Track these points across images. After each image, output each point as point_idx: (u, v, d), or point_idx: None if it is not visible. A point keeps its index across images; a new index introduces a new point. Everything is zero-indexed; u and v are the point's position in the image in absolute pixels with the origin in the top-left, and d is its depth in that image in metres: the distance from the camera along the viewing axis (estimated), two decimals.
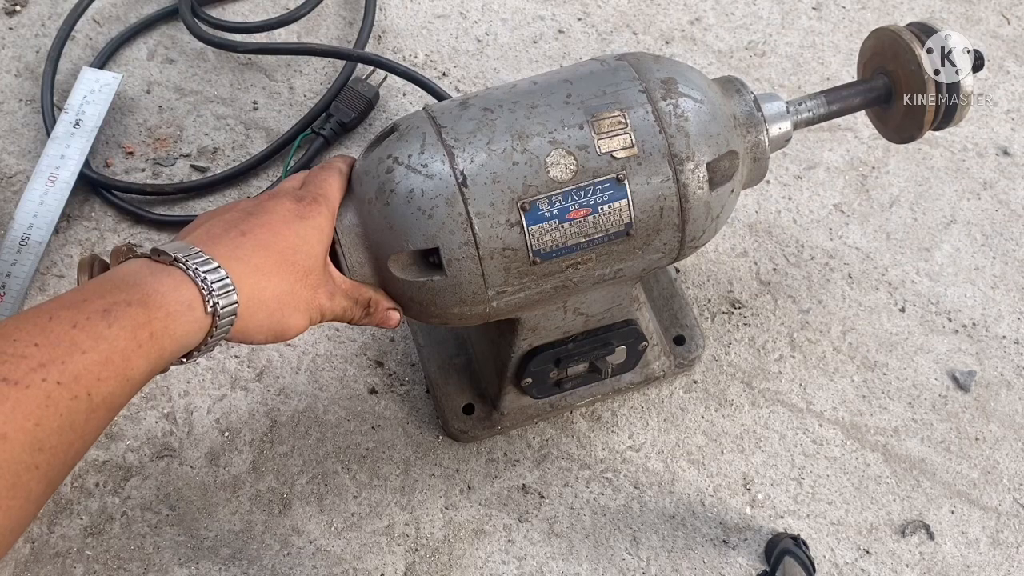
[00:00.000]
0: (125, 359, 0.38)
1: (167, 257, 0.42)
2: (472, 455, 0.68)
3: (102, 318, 0.38)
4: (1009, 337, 0.74)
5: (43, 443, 0.36)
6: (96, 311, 0.38)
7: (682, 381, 0.71)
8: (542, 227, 0.50)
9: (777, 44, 0.88)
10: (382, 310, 0.52)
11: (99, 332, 0.38)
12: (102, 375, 0.38)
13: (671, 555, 0.65)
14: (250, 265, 0.44)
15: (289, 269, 0.46)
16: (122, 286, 0.40)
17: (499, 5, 0.89)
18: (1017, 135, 0.83)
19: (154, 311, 0.40)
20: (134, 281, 0.41)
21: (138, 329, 0.39)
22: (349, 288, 0.51)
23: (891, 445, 0.69)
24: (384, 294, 0.53)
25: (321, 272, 0.48)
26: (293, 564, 0.64)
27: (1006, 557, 0.66)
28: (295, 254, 0.46)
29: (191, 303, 0.41)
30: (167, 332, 0.40)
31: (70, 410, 0.36)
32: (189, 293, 0.41)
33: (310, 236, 0.47)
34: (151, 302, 0.40)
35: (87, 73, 0.81)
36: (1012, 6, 0.90)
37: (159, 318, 0.40)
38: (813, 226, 0.78)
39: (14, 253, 0.73)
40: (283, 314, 0.46)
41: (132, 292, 0.40)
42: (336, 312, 0.50)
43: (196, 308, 0.41)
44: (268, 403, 0.70)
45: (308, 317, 0.48)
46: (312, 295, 0.48)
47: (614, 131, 0.51)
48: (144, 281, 0.41)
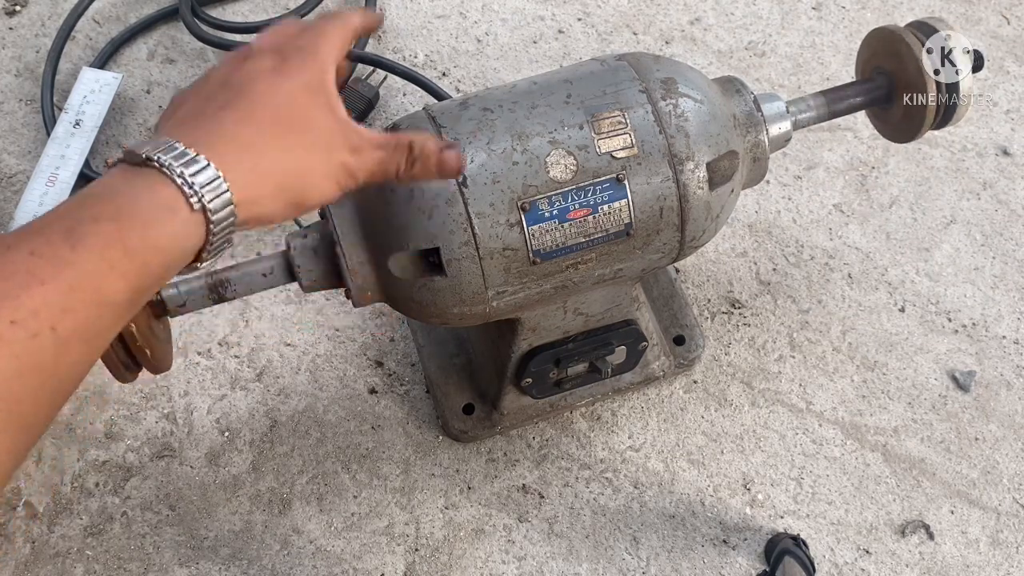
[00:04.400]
0: (96, 283, 0.34)
1: (137, 157, 0.37)
2: (472, 455, 0.68)
3: (64, 240, 0.34)
4: (1009, 337, 0.74)
5: (6, 392, 0.32)
6: (58, 233, 0.34)
7: (682, 381, 0.71)
8: (542, 227, 0.50)
9: (777, 44, 0.88)
10: (432, 151, 0.44)
11: (61, 257, 0.33)
12: (68, 305, 0.33)
13: (671, 555, 0.65)
14: (235, 144, 0.39)
15: (286, 136, 0.40)
16: (90, 201, 0.35)
17: (499, 5, 0.89)
18: (1017, 135, 0.83)
19: (126, 223, 0.35)
20: (104, 192, 0.36)
21: (108, 248, 0.34)
22: (379, 137, 0.43)
23: (891, 445, 0.69)
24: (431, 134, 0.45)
25: (329, 129, 0.42)
26: (293, 564, 0.64)
27: (1006, 557, 0.66)
28: (289, 119, 0.40)
29: (171, 205, 0.36)
30: (147, 244, 0.35)
31: (30, 350, 0.32)
32: (167, 193, 0.36)
33: (299, 94, 0.41)
34: (122, 213, 0.35)
35: (87, 73, 0.81)
36: (1012, 6, 0.90)
37: (133, 229, 0.35)
38: (813, 226, 0.78)
39: None
40: (295, 188, 0.41)
41: (101, 206, 0.35)
42: (370, 167, 0.43)
43: (179, 209, 0.36)
44: (268, 403, 0.70)
45: (333, 181, 0.42)
46: (326, 157, 0.41)
47: (614, 131, 0.51)
48: (116, 191, 0.36)
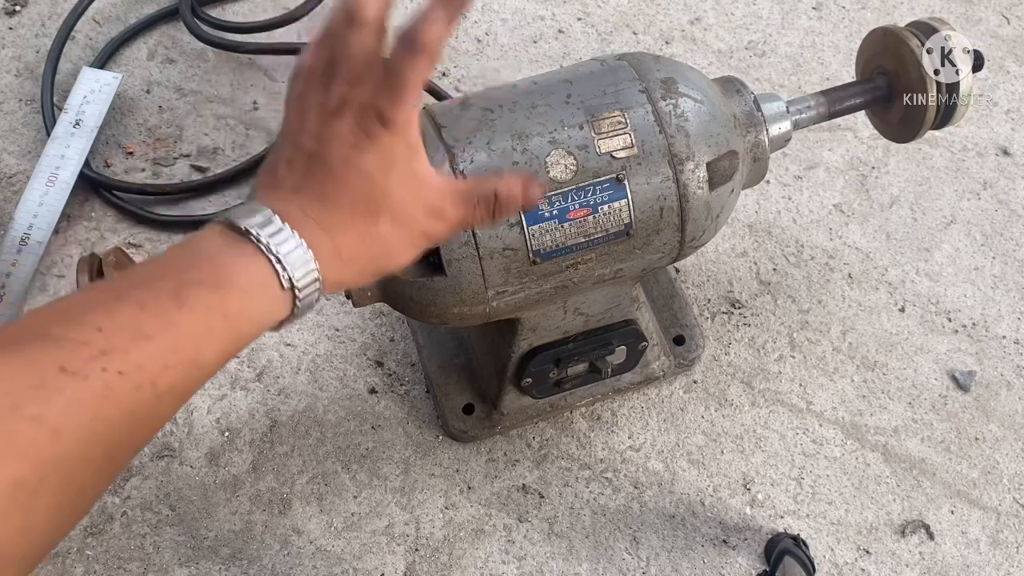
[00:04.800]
0: (196, 345, 0.35)
1: (240, 227, 0.38)
2: (472, 455, 0.68)
3: (172, 300, 0.35)
4: (1009, 337, 0.74)
5: (100, 437, 0.33)
6: (167, 291, 0.35)
7: (682, 381, 0.71)
8: (542, 227, 0.50)
9: (777, 44, 0.88)
10: (518, 195, 0.43)
11: (168, 316, 0.35)
12: (170, 363, 0.35)
13: (671, 555, 0.65)
14: (323, 224, 0.40)
15: (363, 217, 0.41)
16: (196, 262, 0.37)
17: (499, 5, 0.89)
18: (1017, 135, 0.83)
19: (228, 292, 0.36)
20: (208, 256, 0.37)
21: (210, 312, 0.36)
22: (460, 191, 0.43)
23: (891, 445, 0.69)
24: (511, 172, 0.44)
25: (408, 201, 0.42)
26: (293, 564, 0.64)
27: (1006, 557, 0.66)
28: (365, 199, 0.41)
29: (266, 281, 0.38)
30: (242, 314, 0.37)
31: (132, 401, 0.34)
32: (263, 270, 0.38)
33: (375, 171, 0.41)
34: (224, 282, 0.37)
35: (87, 73, 0.81)
36: (1012, 6, 0.90)
37: (234, 299, 0.37)
38: (813, 226, 0.78)
39: (14, 253, 0.73)
40: (376, 263, 0.42)
41: (205, 270, 0.37)
42: (454, 226, 0.43)
43: (272, 285, 0.38)
44: (268, 403, 0.70)
45: (413, 249, 0.42)
46: (406, 231, 0.42)
47: (614, 131, 0.51)
48: (217, 257, 0.37)
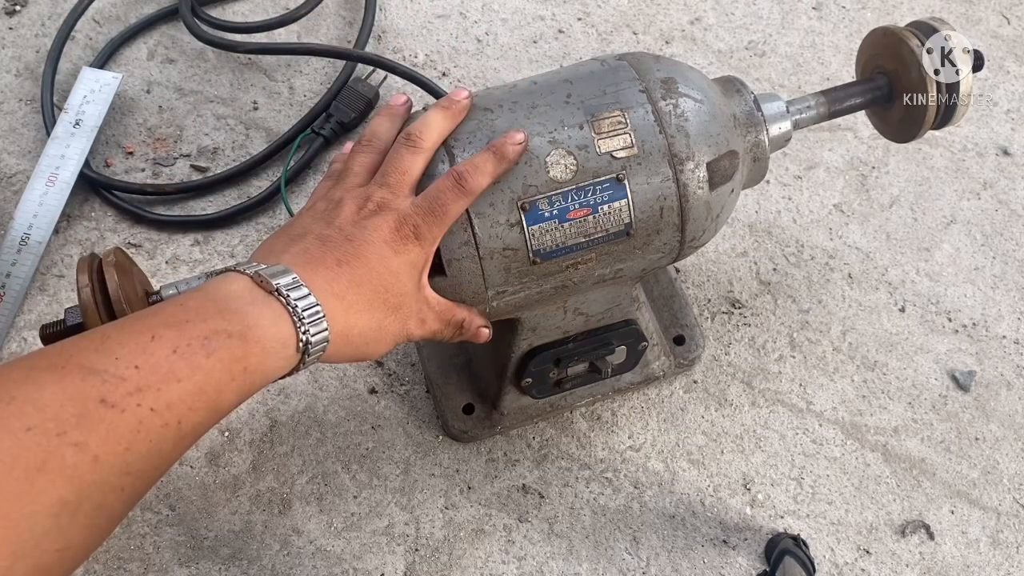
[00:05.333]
0: (218, 391, 0.38)
1: (269, 285, 0.41)
2: (472, 455, 0.68)
3: (202, 347, 0.38)
4: (1009, 337, 0.74)
5: (131, 467, 0.36)
6: (197, 338, 0.38)
7: (682, 381, 0.71)
8: (542, 227, 0.50)
9: (777, 44, 0.88)
10: (474, 329, 0.52)
11: (197, 362, 0.37)
12: (195, 405, 0.37)
13: (671, 555, 0.65)
14: (344, 302, 0.44)
15: (380, 307, 0.46)
16: (224, 312, 0.40)
17: (499, 5, 0.89)
18: (1017, 135, 0.83)
19: (252, 346, 0.39)
20: (236, 307, 0.40)
21: (234, 363, 0.39)
22: (442, 311, 0.50)
23: (891, 445, 0.69)
24: (476, 311, 0.53)
25: (412, 303, 0.48)
26: (293, 564, 0.64)
27: (1006, 557, 0.66)
28: (386, 292, 0.46)
29: (286, 341, 0.41)
30: (260, 368, 0.40)
31: (159, 437, 0.36)
32: (286, 330, 0.41)
33: (403, 272, 0.47)
34: (250, 335, 0.39)
35: (87, 73, 0.81)
36: (1012, 6, 0.90)
37: (255, 353, 0.39)
38: (813, 226, 0.78)
39: (14, 253, 0.73)
40: (369, 346, 0.46)
41: (233, 321, 0.39)
42: (426, 335, 0.50)
43: (290, 346, 0.41)
44: (268, 403, 0.70)
45: (394, 343, 0.48)
46: (401, 327, 0.48)
47: (614, 131, 0.51)
48: (245, 310, 0.40)
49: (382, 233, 0.46)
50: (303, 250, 0.45)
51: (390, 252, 0.46)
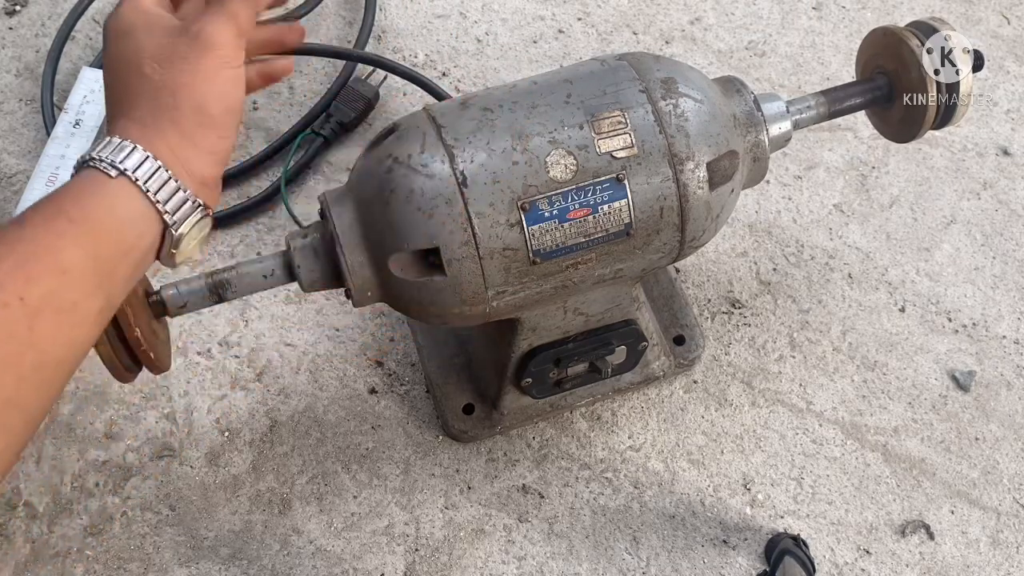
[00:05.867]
0: (50, 252, 0.37)
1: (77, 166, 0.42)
2: (472, 455, 0.68)
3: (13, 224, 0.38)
4: (1009, 337, 0.74)
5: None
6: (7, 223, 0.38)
7: (682, 381, 0.71)
8: (542, 227, 0.50)
9: (777, 44, 0.88)
10: None
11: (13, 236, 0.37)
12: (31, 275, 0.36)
13: (671, 555, 0.65)
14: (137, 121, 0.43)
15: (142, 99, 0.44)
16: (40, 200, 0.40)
17: (499, 5, 0.89)
18: (1017, 135, 0.83)
19: (61, 199, 0.39)
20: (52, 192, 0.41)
21: (51, 220, 0.38)
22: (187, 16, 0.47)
23: (891, 445, 0.69)
24: None
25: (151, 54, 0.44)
26: (293, 564, 0.64)
27: (1006, 557, 0.66)
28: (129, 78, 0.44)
29: (93, 177, 0.41)
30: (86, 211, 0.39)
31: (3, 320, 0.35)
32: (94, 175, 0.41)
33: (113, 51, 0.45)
34: (57, 195, 0.40)
35: (87, 73, 0.81)
36: (1012, 6, 0.90)
37: (68, 201, 0.39)
38: (813, 226, 0.78)
39: None
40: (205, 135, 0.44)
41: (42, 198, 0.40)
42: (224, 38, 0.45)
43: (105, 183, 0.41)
44: (268, 403, 0.70)
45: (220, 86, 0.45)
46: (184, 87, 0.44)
47: (614, 131, 0.51)
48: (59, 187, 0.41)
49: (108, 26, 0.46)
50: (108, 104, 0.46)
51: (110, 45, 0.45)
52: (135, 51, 0.44)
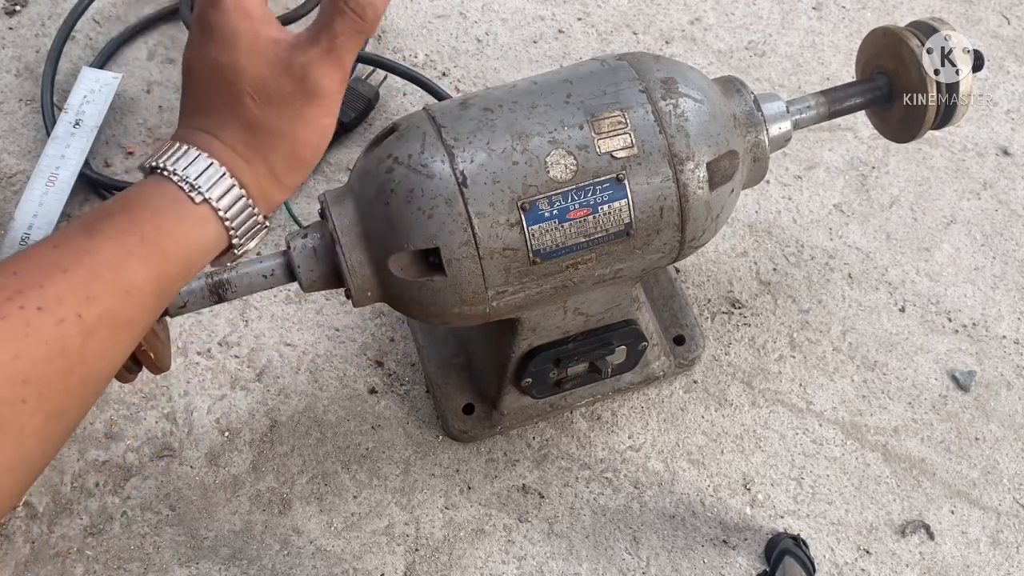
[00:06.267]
0: (116, 270, 0.36)
1: (146, 167, 0.41)
2: (472, 455, 0.68)
3: (84, 233, 0.36)
4: (1009, 337, 0.74)
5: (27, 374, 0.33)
6: (77, 229, 0.37)
7: (682, 381, 0.71)
8: (542, 227, 0.50)
9: (777, 44, 0.88)
10: None
11: (81, 246, 0.36)
12: (92, 292, 0.35)
13: (671, 555, 0.65)
14: (213, 133, 0.42)
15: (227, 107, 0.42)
16: (106, 204, 0.39)
17: (499, 5, 0.89)
18: (1017, 135, 0.83)
19: (136, 213, 0.38)
20: (117, 197, 0.39)
21: (123, 235, 0.37)
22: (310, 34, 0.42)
23: (891, 445, 0.69)
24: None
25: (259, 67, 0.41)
26: (293, 564, 0.64)
27: (1006, 557, 0.66)
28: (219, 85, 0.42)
29: (175, 197, 0.39)
30: (160, 232, 0.38)
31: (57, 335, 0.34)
32: (171, 190, 0.39)
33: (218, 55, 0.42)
34: (132, 206, 0.38)
35: (87, 73, 0.81)
36: (1012, 6, 0.90)
37: (145, 218, 0.38)
38: (813, 226, 0.78)
39: (14, 253, 0.73)
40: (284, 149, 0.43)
41: (114, 204, 0.38)
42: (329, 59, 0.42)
43: (184, 202, 0.39)
44: (268, 403, 0.70)
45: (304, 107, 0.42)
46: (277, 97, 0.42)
47: (614, 131, 0.51)
48: (128, 192, 0.39)
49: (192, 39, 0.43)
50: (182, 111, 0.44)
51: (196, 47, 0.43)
52: (234, 70, 0.41)
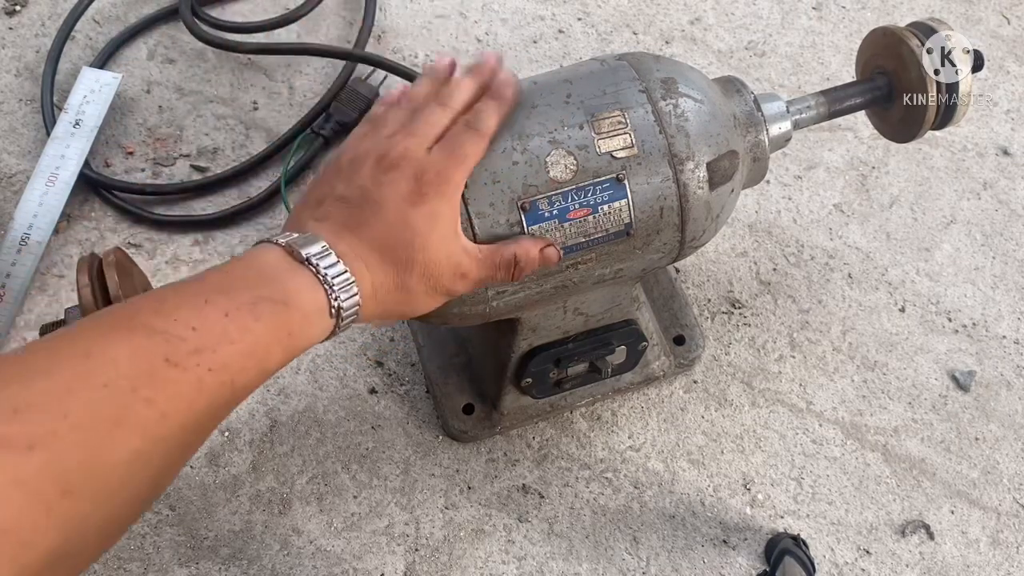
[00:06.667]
0: (266, 353, 0.40)
1: (299, 255, 0.43)
2: (472, 455, 0.68)
3: (249, 311, 0.40)
4: (1009, 337, 0.74)
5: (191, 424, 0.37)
6: (245, 303, 0.40)
7: (682, 381, 0.71)
8: (542, 227, 0.50)
9: (777, 44, 0.88)
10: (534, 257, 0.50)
11: (247, 325, 0.39)
12: (246, 366, 0.39)
13: (671, 555, 0.65)
14: (367, 264, 0.45)
15: (399, 265, 0.46)
16: (266, 279, 0.42)
17: (499, 5, 0.89)
18: (1017, 135, 0.83)
19: (293, 312, 0.41)
20: (274, 275, 0.42)
21: (280, 327, 0.41)
22: (485, 257, 0.49)
23: (891, 445, 0.69)
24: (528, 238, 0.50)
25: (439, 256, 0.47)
26: (293, 564, 0.64)
27: (1006, 557, 0.66)
28: (406, 249, 0.46)
29: (321, 307, 0.43)
30: (302, 332, 0.42)
31: (216, 395, 0.38)
32: (321, 298, 0.43)
33: (421, 226, 0.46)
34: (291, 302, 0.41)
35: (87, 73, 0.81)
36: (1012, 6, 0.90)
37: (296, 320, 0.42)
38: (813, 226, 0.78)
39: (14, 253, 0.73)
40: (400, 306, 0.47)
41: (274, 289, 0.41)
42: (473, 285, 0.49)
43: (325, 312, 0.43)
44: (268, 403, 0.70)
45: (432, 302, 0.48)
46: (429, 283, 0.47)
47: (614, 131, 0.51)
48: (283, 278, 0.42)
49: (399, 188, 0.47)
50: (326, 214, 0.47)
51: (408, 207, 0.46)
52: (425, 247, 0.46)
